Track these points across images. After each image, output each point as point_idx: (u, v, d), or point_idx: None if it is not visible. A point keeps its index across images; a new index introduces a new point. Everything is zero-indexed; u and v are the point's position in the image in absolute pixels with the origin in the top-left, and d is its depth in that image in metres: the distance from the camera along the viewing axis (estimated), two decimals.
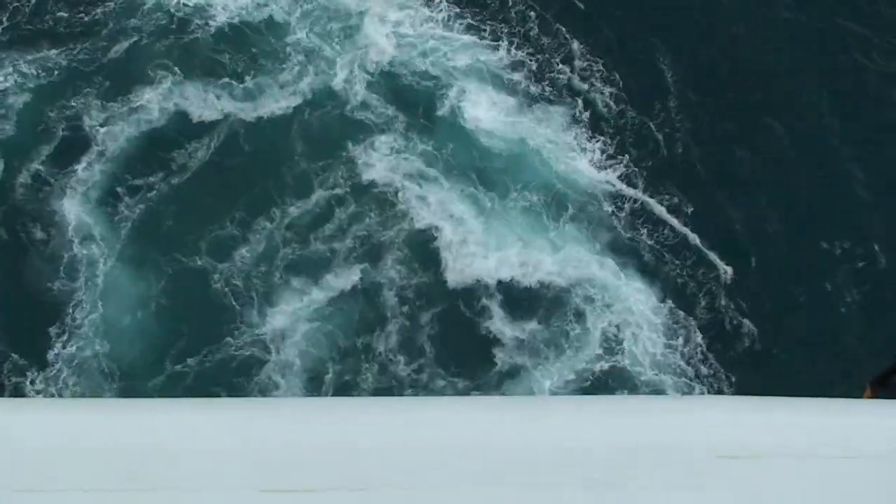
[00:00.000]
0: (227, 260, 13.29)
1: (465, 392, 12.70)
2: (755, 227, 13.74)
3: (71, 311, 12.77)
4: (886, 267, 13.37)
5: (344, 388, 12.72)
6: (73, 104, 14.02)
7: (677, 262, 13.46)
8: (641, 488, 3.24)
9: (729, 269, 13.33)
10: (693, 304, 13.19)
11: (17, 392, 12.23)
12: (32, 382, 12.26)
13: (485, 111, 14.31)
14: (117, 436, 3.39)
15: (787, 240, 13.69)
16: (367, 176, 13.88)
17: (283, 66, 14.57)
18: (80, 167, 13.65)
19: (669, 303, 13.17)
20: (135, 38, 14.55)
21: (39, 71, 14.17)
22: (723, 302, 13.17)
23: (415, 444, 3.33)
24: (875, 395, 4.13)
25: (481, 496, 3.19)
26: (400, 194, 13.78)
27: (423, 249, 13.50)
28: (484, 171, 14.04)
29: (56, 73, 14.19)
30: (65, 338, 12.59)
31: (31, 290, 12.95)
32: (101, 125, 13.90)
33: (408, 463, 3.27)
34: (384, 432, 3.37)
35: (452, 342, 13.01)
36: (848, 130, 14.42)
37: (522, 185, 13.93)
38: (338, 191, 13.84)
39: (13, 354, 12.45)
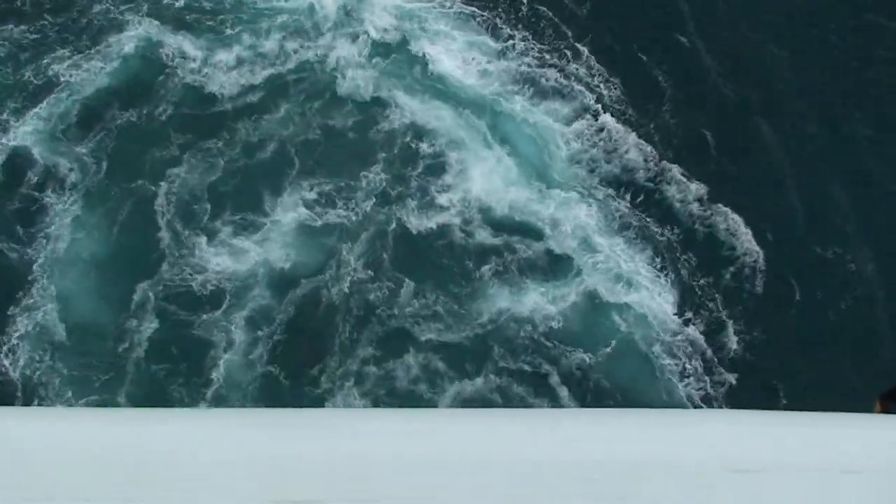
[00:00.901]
0: (201, 182, 13.57)
1: (441, 306, 12.90)
2: (759, 228, 13.73)
3: (31, 262, 12.95)
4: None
5: (313, 296, 12.88)
6: (45, 61, 14.24)
7: (683, 258, 13.51)
8: (651, 501, 3.24)
9: (743, 254, 13.38)
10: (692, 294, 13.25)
11: None
12: None
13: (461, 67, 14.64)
14: (123, 446, 3.38)
15: (794, 242, 13.69)
16: (349, 104, 14.28)
17: (266, 26, 14.79)
18: (46, 112, 13.87)
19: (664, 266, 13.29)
20: (107, 7, 14.77)
21: (6, 43, 14.35)
22: (721, 307, 13.18)
23: (423, 457, 3.32)
24: (885, 410, 4.13)
25: None
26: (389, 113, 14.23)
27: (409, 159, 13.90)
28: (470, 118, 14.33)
29: (24, 42, 14.36)
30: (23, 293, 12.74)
31: None
32: (71, 71, 14.13)
33: (416, 475, 3.26)
34: (393, 444, 3.36)
35: (424, 256, 13.32)
36: (850, 131, 14.44)
37: (503, 136, 14.19)
38: (317, 121, 14.19)
39: None
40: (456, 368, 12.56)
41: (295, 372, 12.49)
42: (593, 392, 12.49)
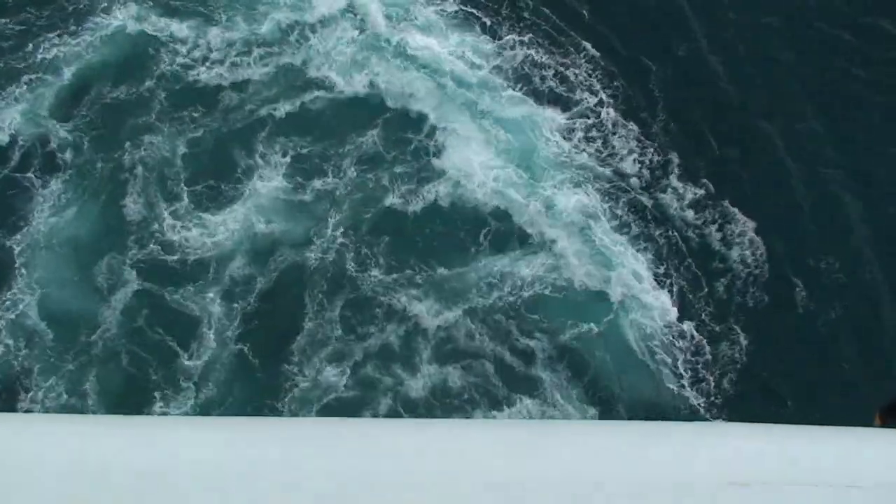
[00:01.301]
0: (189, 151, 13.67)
1: (422, 277, 12.93)
2: (760, 228, 13.66)
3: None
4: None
5: (295, 266, 12.91)
6: (28, 48, 14.23)
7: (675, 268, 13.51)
8: None
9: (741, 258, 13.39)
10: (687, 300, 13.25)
11: None
12: None
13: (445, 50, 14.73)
14: (124, 454, 3.38)
15: (795, 243, 13.63)
16: (336, 86, 14.38)
17: (259, 11, 14.89)
18: (30, 96, 13.88)
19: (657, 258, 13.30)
20: None
21: None
22: (720, 307, 13.15)
23: (422, 470, 3.33)
24: (885, 424, 4.11)
25: None
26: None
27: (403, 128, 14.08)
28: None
29: (7, 32, 14.36)
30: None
31: None
32: (56, 51, 14.16)
33: (414, 488, 3.26)
34: (401, 456, 3.36)
35: (407, 228, 13.40)
36: (850, 131, 14.39)
37: (498, 129, 14.19)
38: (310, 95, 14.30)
39: None
40: (437, 337, 12.54)
41: (273, 346, 12.39)
42: (587, 386, 12.49)
